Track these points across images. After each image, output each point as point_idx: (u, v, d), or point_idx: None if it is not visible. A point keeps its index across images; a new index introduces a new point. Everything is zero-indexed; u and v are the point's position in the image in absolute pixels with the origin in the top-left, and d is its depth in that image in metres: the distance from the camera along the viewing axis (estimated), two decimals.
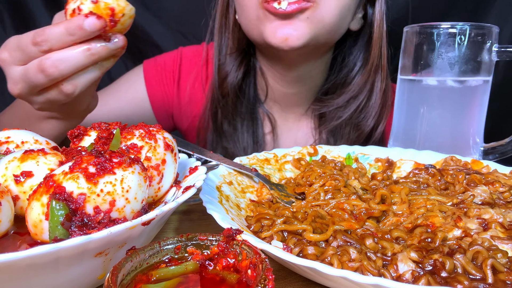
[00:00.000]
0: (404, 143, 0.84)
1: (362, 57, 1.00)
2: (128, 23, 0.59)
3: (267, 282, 0.29)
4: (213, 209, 0.48)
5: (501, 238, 0.44)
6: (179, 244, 0.36)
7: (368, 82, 0.98)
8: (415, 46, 0.79)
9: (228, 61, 1.04)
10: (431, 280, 0.39)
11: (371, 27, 0.98)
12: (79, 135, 0.53)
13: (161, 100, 1.14)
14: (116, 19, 0.56)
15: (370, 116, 0.97)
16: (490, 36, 0.75)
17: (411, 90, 0.82)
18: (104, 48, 0.57)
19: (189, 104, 1.15)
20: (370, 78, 0.98)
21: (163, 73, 1.14)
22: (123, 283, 0.31)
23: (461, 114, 0.80)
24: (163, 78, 1.14)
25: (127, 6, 0.56)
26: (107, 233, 0.35)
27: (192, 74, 1.14)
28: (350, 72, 1.01)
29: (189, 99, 1.14)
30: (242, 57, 1.04)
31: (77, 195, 0.38)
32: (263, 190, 0.63)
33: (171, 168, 0.51)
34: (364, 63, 0.99)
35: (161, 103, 1.14)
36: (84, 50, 0.57)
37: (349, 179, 0.62)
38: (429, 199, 0.54)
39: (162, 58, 1.16)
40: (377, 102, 0.97)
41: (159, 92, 1.14)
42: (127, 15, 0.57)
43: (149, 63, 1.15)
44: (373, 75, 0.97)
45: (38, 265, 0.33)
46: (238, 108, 1.07)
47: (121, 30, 0.59)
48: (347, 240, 0.45)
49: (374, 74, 0.97)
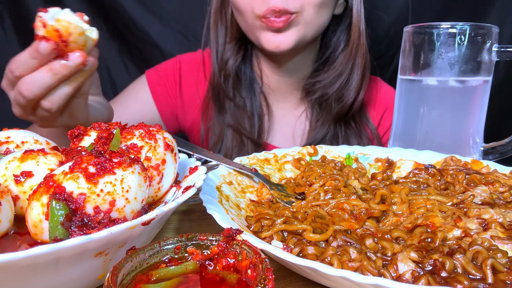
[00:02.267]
0: (404, 143, 0.84)
1: (345, 38, 1.11)
2: (82, 40, 0.63)
3: (267, 282, 0.29)
4: (213, 209, 0.48)
5: (501, 238, 0.44)
6: (179, 244, 0.36)
7: (350, 61, 1.09)
8: (415, 46, 0.79)
9: (227, 49, 1.13)
10: (431, 280, 0.39)
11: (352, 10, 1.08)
12: (79, 135, 0.53)
13: (166, 103, 1.22)
14: (64, 39, 0.61)
15: (352, 89, 1.10)
16: (490, 36, 0.75)
17: (411, 90, 0.82)
18: (63, 66, 0.63)
19: (191, 102, 1.22)
20: (352, 58, 1.09)
21: (165, 77, 1.22)
22: (123, 283, 0.31)
23: (461, 114, 0.80)
24: (165, 82, 1.22)
25: (70, 25, 0.60)
26: (107, 233, 0.35)
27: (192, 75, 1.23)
28: (335, 52, 1.12)
29: (191, 96, 1.22)
30: (240, 43, 1.14)
31: (77, 195, 0.38)
32: (263, 190, 0.63)
33: (171, 168, 0.51)
34: (347, 43, 1.10)
35: (166, 106, 1.23)
36: (46, 70, 0.64)
37: (349, 179, 0.62)
38: (429, 199, 0.54)
39: (162, 66, 1.25)
40: (358, 76, 1.09)
41: (164, 96, 1.22)
42: (74, 33, 0.61)
43: (150, 71, 1.24)
44: (354, 54, 1.08)
45: (38, 265, 0.33)
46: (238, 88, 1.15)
47: (81, 47, 0.64)
48: (347, 240, 0.45)
49: (355, 53, 1.08)
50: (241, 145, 1.15)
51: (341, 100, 1.10)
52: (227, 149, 1.15)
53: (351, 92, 1.09)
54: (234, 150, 1.14)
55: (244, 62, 1.16)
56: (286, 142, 1.19)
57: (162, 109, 1.22)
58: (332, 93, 1.10)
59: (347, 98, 1.09)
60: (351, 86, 1.09)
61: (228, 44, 1.13)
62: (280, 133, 1.20)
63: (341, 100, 1.10)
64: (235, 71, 1.13)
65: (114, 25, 1.46)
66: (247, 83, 1.16)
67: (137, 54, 1.50)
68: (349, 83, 1.09)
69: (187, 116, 1.24)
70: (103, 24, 1.45)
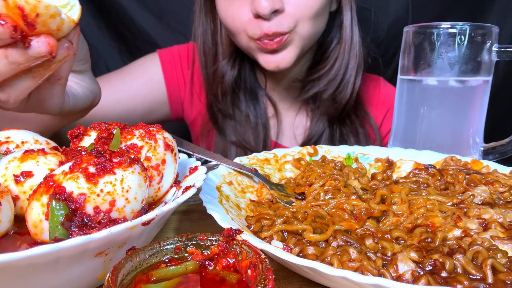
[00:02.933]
0: (404, 143, 0.84)
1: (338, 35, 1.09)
2: (55, 23, 0.47)
3: (267, 282, 0.29)
4: (213, 209, 0.48)
5: (501, 238, 0.44)
6: (179, 244, 0.36)
7: (343, 58, 1.07)
8: (415, 46, 0.79)
9: (220, 66, 1.10)
10: (431, 280, 0.39)
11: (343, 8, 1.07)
12: (79, 135, 0.53)
13: (176, 85, 1.19)
14: (29, 20, 0.44)
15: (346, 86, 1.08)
16: (490, 36, 0.75)
17: (411, 90, 0.82)
18: (21, 54, 0.48)
19: (201, 90, 1.20)
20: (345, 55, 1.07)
21: (178, 59, 1.20)
22: (123, 283, 0.31)
23: (461, 114, 0.80)
24: (178, 63, 1.19)
25: (39, 3, 0.44)
26: (107, 233, 0.35)
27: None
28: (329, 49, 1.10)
29: (201, 85, 1.19)
30: (234, 57, 1.10)
31: (77, 195, 0.38)
32: (263, 190, 0.63)
33: (171, 168, 0.51)
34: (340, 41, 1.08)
35: (175, 88, 1.20)
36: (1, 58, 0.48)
37: (349, 179, 0.62)
38: (429, 199, 0.54)
39: (175, 48, 1.21)
40: (352, 74, 1.07)
41: (174, 78, 1.19)
42: (44, 14, 0.45)
43: (163, 51, 1.20)
44: (348, 51, 1.07)
45: (38, 265, 0.33)
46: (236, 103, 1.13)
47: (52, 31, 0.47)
48: (347, 240, 0.45)
49: (348, 50, 1.07)
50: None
51: (335, 100, 1.09)
52: None
53: (345, 92, 1.08)
54: None
55: (240, 74, 1.13)
56: (289, 141, 1.19)
57: (171, 90, 1.19)
58: (326, 91, 1.09)
59: (341, 98, 1.09)
60: (345, 87, 1.08)
61: (221, 62, 1.10)
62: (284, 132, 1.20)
63: (335, 101, 1.09)
64: (232, 86, 1.11)
65: (114, 25, 1.46)
66: (248, 93, 1.14)
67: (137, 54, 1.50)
68: (343, 84, 1.08)
69: (194, 106, 1.22)
70: (103, 24, 1.45)
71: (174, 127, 1.50)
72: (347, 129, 1.15)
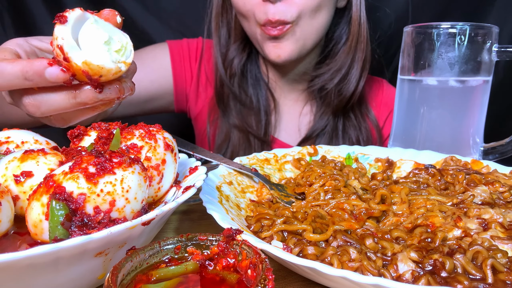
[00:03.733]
0: (404, 143, 0.84)
1: (347, 31, 1.12)
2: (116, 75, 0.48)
3: (267, 282, 0.29)
4: (213, 209, 0.48)
5: (501, 238, 0.44)
6: (179, 244, 0.36)
7: (350, 54, 1.10)
8: (415, 46, 0.79)
9: (231, 49, 1.14)
10: (431, 280, 0.39)
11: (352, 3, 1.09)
12: (79, 135, 0.53)
13: (182, 77, 1.22)
14: (93, 79, 0.46)
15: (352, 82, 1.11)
16: (490, 36, 0.75)
17: (411, 90, 0.82)
18: (92, 98, 0.48)
19: (207, 86, 1.22)
20: (352, 51, 1.10)
21: (187, 51, 1.22)
22: (123, 283, 0.31)
23: (461, 114, 0.80)
24: (187, 55, 1.22)
25: (101, 69, 0.45)
26: (107, 233, 0.35)
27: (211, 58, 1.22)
28: (337, 45, 1.14)
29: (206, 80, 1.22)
30: (245, 43, 1.15)
31: (77, 195, 0.38)
32: (263, 190, 0.63)
33: (171, 168, 0.51)
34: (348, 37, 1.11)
35: (181, 80, 1.22)
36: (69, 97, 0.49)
37: (349, 179, 0.62)
38: (429, 199, 0.54)
39: (185, 41, 1.24)
40: (358, 69, 1.10)
41: (182, 69, 1.21)
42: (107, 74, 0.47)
43: (172, 42, 1.23)
44: (354, 47, 1.10)
45: (38, 265, 0.33)
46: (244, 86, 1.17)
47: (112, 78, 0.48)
48: (347, 240, 0.45)
49: (355, 47, 1.09)
50: (247, 144, 1.16)
51: (340, 92, 1.12)
52: (234, 147, 1.16)
53: (350, 85, 1.11)
54: (241, 148, 1.16)
55: (249, 60, 1.17)
56: (293, 135, 1.19)
57: (177, 81, 1.21)
58: (332, 86, 1.12)
59: (346, 91, 1.11)
60: (351, 79, 1.11)
61: (233, 44, 1.14)
62: (286, 127, 1.21)
63: (340, 93, 1.12)
64: (241, 69, 1.15)
65: None
66: (253, 80, 1.18)
67: None
68: (349, 76, 1.11)
69: (199, 101, 1.24)
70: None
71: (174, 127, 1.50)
72: (350, 123, 1.17)
